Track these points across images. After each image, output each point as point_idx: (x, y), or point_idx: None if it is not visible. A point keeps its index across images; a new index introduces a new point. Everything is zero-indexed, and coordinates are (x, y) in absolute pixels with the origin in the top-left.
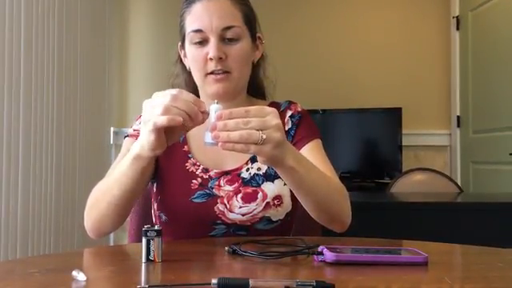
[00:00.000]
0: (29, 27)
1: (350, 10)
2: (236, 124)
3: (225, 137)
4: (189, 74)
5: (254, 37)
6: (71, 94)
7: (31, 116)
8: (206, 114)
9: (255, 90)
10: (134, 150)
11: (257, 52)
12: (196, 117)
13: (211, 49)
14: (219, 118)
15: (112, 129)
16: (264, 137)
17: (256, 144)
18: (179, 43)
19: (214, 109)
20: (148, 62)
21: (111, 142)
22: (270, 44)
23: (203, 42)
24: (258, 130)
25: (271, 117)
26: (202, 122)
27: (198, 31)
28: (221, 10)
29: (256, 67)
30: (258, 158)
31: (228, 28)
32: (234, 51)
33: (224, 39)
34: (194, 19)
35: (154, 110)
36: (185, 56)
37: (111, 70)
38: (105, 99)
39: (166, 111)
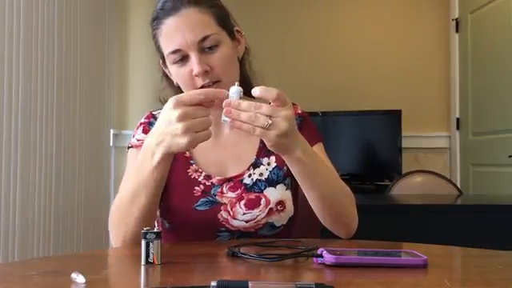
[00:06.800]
0: (28, 29)
1: (350, 12)
2: (248, 105)
3: (235, 114)
4: (177, 87)
5: (232, 34)
6: (71, 95)
7: (30, 117)
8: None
9: (244, 88)
10: (157, 150)
11: (239, 47)
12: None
13: (194, 66)
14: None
15: (112, 131)
16: (270, 122)
17: (262, 128)
18: (160, 61)
19: (233, 90)
20: (148, 63)
21: (111, 144)
22: (269, 46)
23: (184, 59)
24: (267, 116)
25: (286, 107)
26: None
27: (176, 51)
28: (191, 22)
29: (240, 63)
30: (266, 143)
31: (204, 39)
32: (218, 60)
33: (204, 49)
34: (168, 39)
35: (173, 128)
36: (169, 73)
37: (111, 71)
38: (104, 101)
39: (187, 130)
